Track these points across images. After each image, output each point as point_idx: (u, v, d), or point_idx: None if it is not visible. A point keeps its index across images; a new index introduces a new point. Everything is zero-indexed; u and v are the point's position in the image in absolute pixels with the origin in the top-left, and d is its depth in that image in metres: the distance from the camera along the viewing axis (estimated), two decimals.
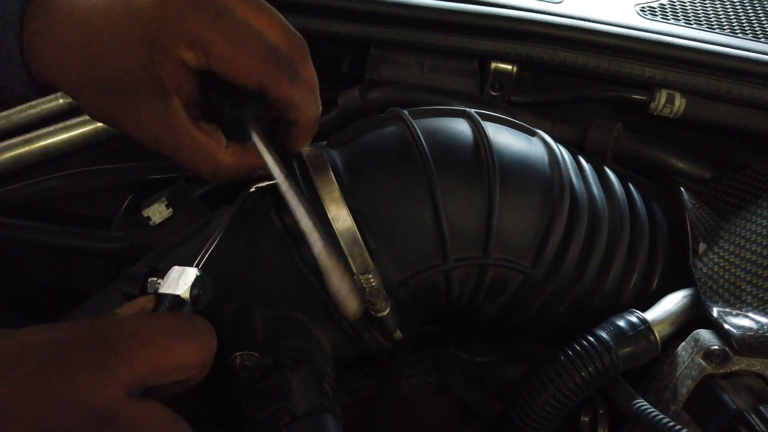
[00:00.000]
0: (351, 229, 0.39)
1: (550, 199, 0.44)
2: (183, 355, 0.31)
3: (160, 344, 0.30)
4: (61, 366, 0.28)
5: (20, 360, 0.28)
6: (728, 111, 0.59)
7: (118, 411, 0.29)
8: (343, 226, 0.39)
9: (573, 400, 0.42)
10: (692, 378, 0.42)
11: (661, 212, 0.52)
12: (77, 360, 0.28)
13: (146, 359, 0.30)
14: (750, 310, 0.44)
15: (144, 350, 0.30)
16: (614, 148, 0.56)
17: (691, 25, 0.63)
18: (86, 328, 0.30)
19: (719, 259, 0.48)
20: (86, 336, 0.30)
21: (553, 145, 0.47)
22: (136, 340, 0.30)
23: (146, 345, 0.30)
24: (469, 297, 0.45)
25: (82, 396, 0.28)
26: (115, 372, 0.29)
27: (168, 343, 0.31)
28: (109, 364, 0.29)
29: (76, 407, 0.28)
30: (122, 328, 0.30)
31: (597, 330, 0.43)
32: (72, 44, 0.37)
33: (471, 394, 0.50)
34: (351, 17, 0.59)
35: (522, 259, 0.43)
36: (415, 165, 0.42)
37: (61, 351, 0.29)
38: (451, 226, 0.41)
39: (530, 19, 0.58)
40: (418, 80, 0.60)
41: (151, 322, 0.31)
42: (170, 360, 0.30)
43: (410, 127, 0.43)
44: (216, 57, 0.36)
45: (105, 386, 0.28)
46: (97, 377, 0.28)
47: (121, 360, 0.29)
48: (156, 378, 0.30)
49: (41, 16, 0.37)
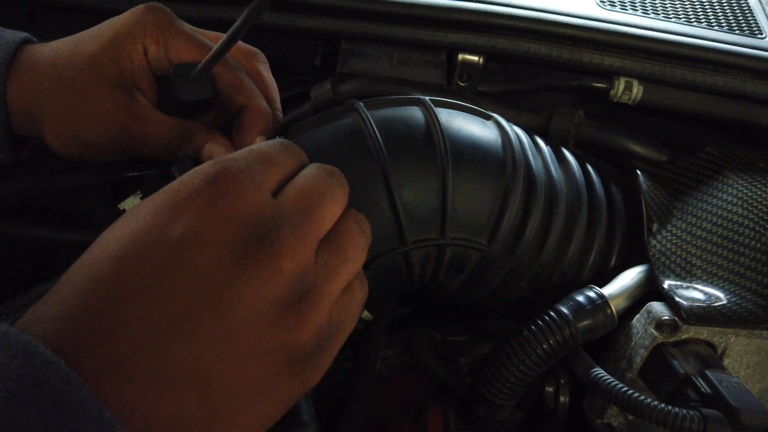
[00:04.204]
0: None
1: (504, 178, 0.46)
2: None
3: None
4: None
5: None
6: (684, 97, 0.62)
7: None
8: None
9: (536, 371, 0.45)
10: (645, 347, 0.44)
11: (619, 194, 0.54)
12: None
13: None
14: (699, 283, 0.47)
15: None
16: (576, 135, 0.59)
17: (649, 15, 0.65)
18: None
19: (672, 237, 0.50)
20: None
21: (507, 127, 0.49)
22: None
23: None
24: (431, 275, 0.47)
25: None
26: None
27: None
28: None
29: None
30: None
31: (557, 305, 0.46)
32: (40, 54, 0.43)
33: (443, 371, 0.52)
34: (322, 12, 0.61)
35: (478, 237, 0.46)
36: (369, 154, 0.44)
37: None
38: (407, 210, 0.44)
39: (494, 12, 0.61)
40: (388, 73, 0.62)
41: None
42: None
43: (364, 118, 0.45)
44: (173, 48, 0.42)
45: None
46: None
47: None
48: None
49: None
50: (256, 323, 0.25)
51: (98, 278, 0.24)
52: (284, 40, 0.66)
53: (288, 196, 0.29)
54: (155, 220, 0.25)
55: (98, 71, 0.41)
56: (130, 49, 0.42)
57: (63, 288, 0.24)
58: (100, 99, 0.41)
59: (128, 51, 0.42)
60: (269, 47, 0.50)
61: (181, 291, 0.24)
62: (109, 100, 0.41)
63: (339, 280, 0.29)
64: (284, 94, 0.65)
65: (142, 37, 0.42)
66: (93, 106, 0.42)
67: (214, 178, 0.26)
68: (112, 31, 0.42)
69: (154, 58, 0.43)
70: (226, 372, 0.24)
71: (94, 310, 0.23)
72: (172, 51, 0.42)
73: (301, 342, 0.27)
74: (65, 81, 0.41)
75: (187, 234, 0.25)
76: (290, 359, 0.26)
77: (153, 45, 0.42)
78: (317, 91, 0.61)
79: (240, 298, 0.25)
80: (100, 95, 0.41)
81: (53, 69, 0.42)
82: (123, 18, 0.42)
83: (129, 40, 0.41)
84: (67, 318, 0.23)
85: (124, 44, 0.41)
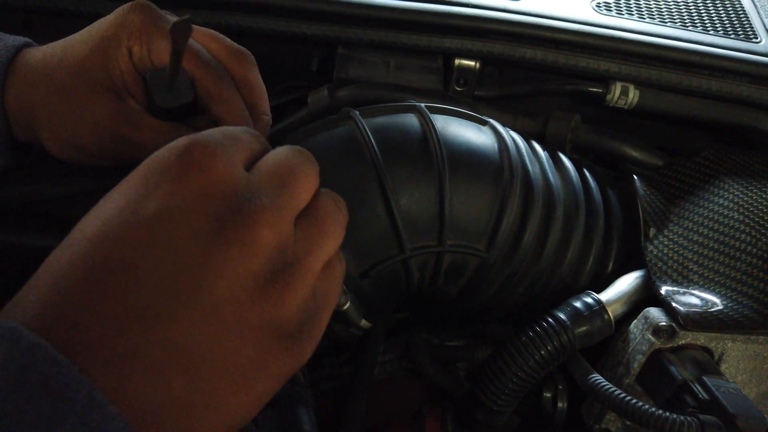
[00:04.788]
0: None
1: (501, 184, 0.46)
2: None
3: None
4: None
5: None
6: (680, 101, 0.62)
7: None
8: None
9: (534, 377, 0.45)
10: (643, 353, 0.45)
11: (616, 199, 0.54)
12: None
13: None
14: (696, 289, 0.47)
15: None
16: (572, 139, 0.59)
17: (644, 19, 0.66)
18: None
19: (669, 242, 0.51)
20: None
21: (503, 132, 0.49)
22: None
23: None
24: (430, 282, 0.47)
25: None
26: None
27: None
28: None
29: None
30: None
31: (555, 311, 0.46)
32: (34, 59, 0.42)
33: (441, 376, 0.52)
34: (319, 18, 0.61)
35: (477, 244, 0.46)
36: (365, 162, 0.44)
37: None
38: (405, 218, 0.44)
39: (490, 17, 0.61)
40: (385, 78, 0.62)
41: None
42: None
43: (359, 126, 0.45)
44: (155, 49, 0.41)
45: None
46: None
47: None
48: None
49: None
50: (239, 298, 0.24)
51: (74, 261, 0.23)
52: (281, 46, 0.66)
53: (261, 170, 0.28)
54: (128, 198, 0.25)
55: (88, 77, 0.41)
56: (116, 53, 0.41)
57: (41, 274, 0.24)
58: (91, 105, 0.41)
59: (114, 55, 0.41)
60: (266, 53, 0.50)
61: (159, 269, 0.23)
62: (101, 105, 0.41)
63: (320, 253, 0.28)
64: (281, 100, 0.65)
65: (127, 39, 0.41)
66: (85, 112, 0.41)
67: (184, 150, 0.25)
68: (99, 35, 0.41)
69: (139, 60, 0.42)
70: (211, 351, 0.24)
71: (71, 294, 0.22)
72: (154, 53, 0.41)
73: (287, 316, 0.26)
74: (56, 86, 0.41)
75: (160, 210, 0.24)
76: (278, 335, 0.26)
77: (137, 46, 0.41)
78: (314, 97, 0.61)
79: (220, 272, 0.24)
80: (91, 101, 0.41)
81: (45, 74, 0.41)
82: (109, 20, 0.41)
83: (114, 44, 0.41)
84: (44, 303, 0.22)
85: (110, 48, 0.41)
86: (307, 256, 0.27)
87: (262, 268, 0.25)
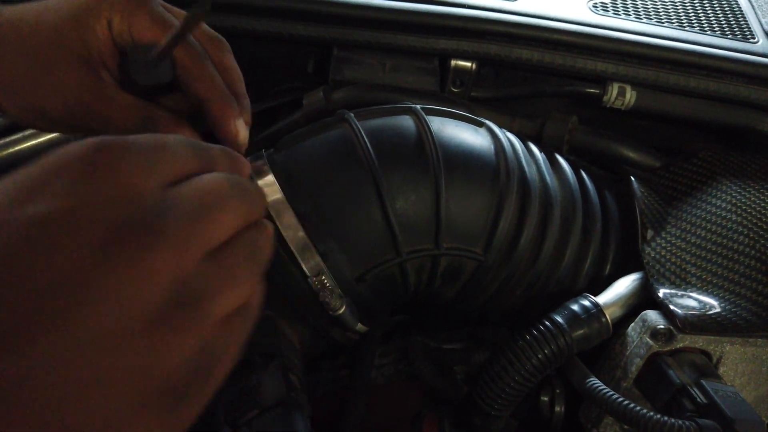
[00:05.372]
0: (300, 235, 0.41)
1: (497, 186, 0.46)
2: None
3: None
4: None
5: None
6: (677, 102, 0.62)
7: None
8: (292, 232, 0.41)
9: (531, 381, 0.45)
10: (641, 356, 0.44)
11: (613, 200, 0.54)
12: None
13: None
14: (694, 291, 0.47)
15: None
16: (570, 141, 0.59)
17: (641, 20, 0.65)
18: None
19: (666, 244, 0.50)
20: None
21: (499, 134, 0.49)
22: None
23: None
24: (426, 285, 0.47)
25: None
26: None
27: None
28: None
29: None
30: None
31: (553, 314, 0.46)
32: (3, 17, 0.40)
33: (438, 380, 0.52)
34: (315, 19, 0.61)
35: (473, 247, 0.46)
36: (360, 165, 0.44)
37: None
38: (401, 221, 0.43)
39: (486, 18, 0.60)
40: (381, 80, 0.62)
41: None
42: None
43: (354, 129, 0.45)
44: (136, 25, 0.39)
45: None
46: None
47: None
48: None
49: None
50: (118, 332, 0.20)
51: None
52: (276, 47, 0.65)
53: (181, 191, 0.24)
54: (13, 195, 0.21)
55: (63, 44, 0.39)
56: (95, 22, 0.39)
57: None
58: (63, 74, 0.39)
59: (92, 24, 0.39)
60: (261, 55, 0.50)
61: (26, 286, 0.19)
62: (73, 76, 0.39)
63: (223, 300, 0.24)
64: (276, 102, 0.65)
65: (108, 10, 0.39)
66: (56, 80, 0.39)
67: (92, 149, 0.22)
68: (78, 2, 0.39)
69: (118, 33, 0.40)
70: (69, 400, 0.19)
71: None
72: (135, 28, 0.39)
73: (171, 368, 0.22)
74: (28, 50, 0.39)
75: (46, 213, 0.20)
76: (159, 389, 0.21)
77: (117, 18, 0.39)
78: (310, 98, 0.61)
79: (101, 295, 0.20)
80: (63, 70, 0.39)
81: (16, 36, 0.39)
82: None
83: (94, 14, 0.39)
84: None
85: (89, 16, 0.39)
86: (208, 300, 0.23)
87: (153, 300, 0.21)
